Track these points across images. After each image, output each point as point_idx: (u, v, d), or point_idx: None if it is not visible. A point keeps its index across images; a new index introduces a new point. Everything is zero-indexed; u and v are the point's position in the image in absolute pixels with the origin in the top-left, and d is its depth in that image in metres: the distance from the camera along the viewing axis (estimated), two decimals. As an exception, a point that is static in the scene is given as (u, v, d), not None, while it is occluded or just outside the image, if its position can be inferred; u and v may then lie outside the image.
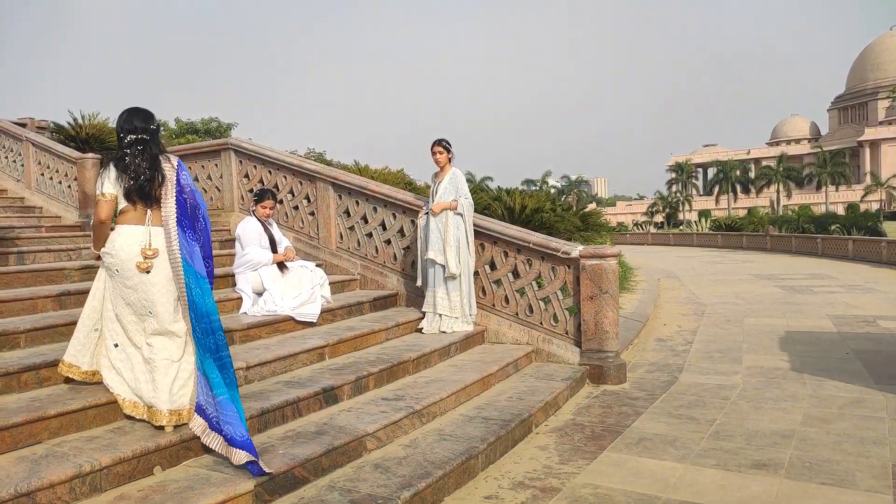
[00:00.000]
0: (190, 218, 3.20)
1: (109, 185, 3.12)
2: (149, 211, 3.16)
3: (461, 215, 5.62)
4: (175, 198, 3.15)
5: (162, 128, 3.20)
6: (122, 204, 3.17)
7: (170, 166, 3.21)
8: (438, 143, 5.75)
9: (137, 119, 3.22)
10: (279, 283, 5.24)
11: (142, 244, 3.11)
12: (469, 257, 5.68)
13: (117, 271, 3.12)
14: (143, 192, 3.13)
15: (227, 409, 2.93)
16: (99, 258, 3.26)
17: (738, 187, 71.41)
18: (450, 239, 5.53)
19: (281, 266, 5.37)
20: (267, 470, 2.86)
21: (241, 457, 2.88)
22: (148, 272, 3.09)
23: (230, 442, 2.91)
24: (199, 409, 3.06)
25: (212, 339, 3.01)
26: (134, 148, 3.16)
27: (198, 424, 3.04)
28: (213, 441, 2.99)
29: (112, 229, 3.20)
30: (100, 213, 3.16)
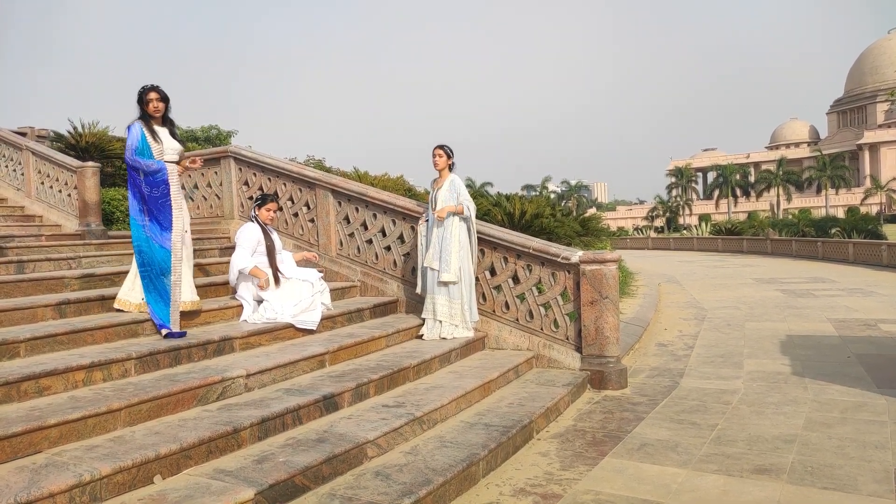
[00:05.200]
0: (132, 177, 4.51)
1: None
2: None
3: (467, 219, 5.64)
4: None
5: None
6: None
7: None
8: (440, 146, 5.81)
9: None
10: (279, 290, 5.22)
11: None
12: (470, 264, 5.69)
13: None
14: None
15: (151, 308, 4.45)
16: None
17: (738, 191, 71.52)
18: (454, 244, 5.53)
19: (277, 274, 5.33)
20: (174, 330, 4.37)
21: (163, 332, 4.36)
22: None
23: (158, 327, 4.40)
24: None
25: (139, 257, 4.51)
26: None
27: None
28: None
29: None
30: None
